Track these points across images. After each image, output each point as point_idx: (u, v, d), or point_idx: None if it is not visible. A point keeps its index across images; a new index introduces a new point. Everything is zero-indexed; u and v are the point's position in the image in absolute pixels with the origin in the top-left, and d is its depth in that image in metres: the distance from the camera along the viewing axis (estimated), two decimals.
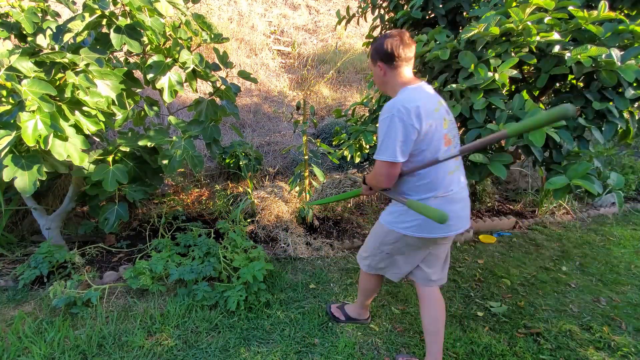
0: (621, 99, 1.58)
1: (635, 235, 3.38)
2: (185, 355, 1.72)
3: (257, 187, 3.39)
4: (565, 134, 1.53)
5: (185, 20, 2.20)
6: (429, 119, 1.31)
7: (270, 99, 4.96)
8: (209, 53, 4.79)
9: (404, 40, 1.35)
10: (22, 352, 1.69)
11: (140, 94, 2.34)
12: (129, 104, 2.18)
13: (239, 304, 1.99)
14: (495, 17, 1.58)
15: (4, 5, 2.06)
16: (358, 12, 2.88)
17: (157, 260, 2.16)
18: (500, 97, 1.56)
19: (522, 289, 2.40)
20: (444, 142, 1.35)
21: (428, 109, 1.32)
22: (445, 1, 2.31)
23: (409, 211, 1.41)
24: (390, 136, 1.30)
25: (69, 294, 1.94)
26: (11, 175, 1.75)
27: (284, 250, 2.64)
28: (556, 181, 1.46)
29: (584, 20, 1.52)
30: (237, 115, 2.54)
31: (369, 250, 1.66)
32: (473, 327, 2.00)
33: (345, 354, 1.77)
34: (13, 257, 2.41)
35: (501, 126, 1.47)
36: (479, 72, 1.60)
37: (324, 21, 6.37)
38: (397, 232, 1.48)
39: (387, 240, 1.55)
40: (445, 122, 1.38)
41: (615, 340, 1.93)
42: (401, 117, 1.28)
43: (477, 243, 3.06)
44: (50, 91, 1.63)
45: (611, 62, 1.47)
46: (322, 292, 2.25)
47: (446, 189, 1.38)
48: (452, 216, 1.36)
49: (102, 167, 2.11)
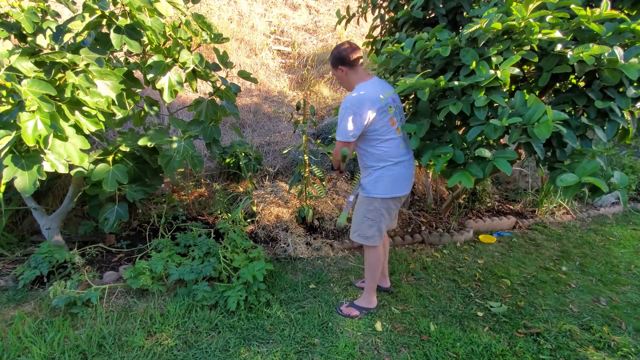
0: (623, 98, 1.58)
1: (635, 235, 3.38)
2: (185, 355, 1.71)
3: (257, 187, 3.39)
4: (569, 133, 1.52)
5: (185, 20, 2.20)
6: (374, 107, 1.73)
7: (270, 99, 4.96)
8: (209, 53, 4.78)
9: (353, 47, 1.83)
10: (22, 352, 1.69)
11: (140, 94, 2.34)
12: (129, 104, 2.18)
13: (239, 304, 1.99)
14: (497, 14, 1.57)
15: (4, 5, 2.06)
16: (358, 12, 2.88)
17: (157, 260, 2.16)
18: (501, 94, 1.55)
19: (522, 289, 2.40)
20: (390, 124, 1.80)
21: (374, 99, 1.73)
22: (446, 1, 2.31)
23: (378, 179, 1.84)
24: (344, 122, 1.74)
25: (69, 294, 1.94)
26: (11, 175, 1.75)
27: (284, 250, 2.64)
28: (567, 178, 1.45)
29: (585, 18, 1.51)
30: (237, 115, 2.53)
31: (358, 223, 1.97)
32: (473, 327, 2.00)
33: (345, 354, 1.76)
34: (13, 257, 2.41)
35: (504, 122, 1.46)
36: (480, 70, 1.59)
37: (324, 21, 6.36)
38: (376, 198, 1.87)
39: (370, 209, 1.90)
40: (391, 109, 1.80)
41: (615, 340, 1.93)
42: (353, 108, 1.72)
43: (477, 243, 3.06)
44: (50, 91, 1.63)
45: (614, 60, 1.46)
46: (322, 292, 2.25)
47: (403, 157, 1.84)
48: (408, 177, 1.88)
49: (102, 167, 2.11)
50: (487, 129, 1.53)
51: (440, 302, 2.22)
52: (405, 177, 1.87)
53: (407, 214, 3.33)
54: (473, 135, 1.59)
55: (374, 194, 1.86)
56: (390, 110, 1.80)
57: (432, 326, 1.98)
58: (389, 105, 1.80)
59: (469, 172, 1.61)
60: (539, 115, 1.40)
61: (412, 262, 2.67)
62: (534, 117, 1.42)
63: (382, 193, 1.85)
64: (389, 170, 1.83)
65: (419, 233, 3.05)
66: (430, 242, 2.99)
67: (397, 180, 1.85)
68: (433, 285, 2.40)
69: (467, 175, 1.60)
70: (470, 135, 1.60)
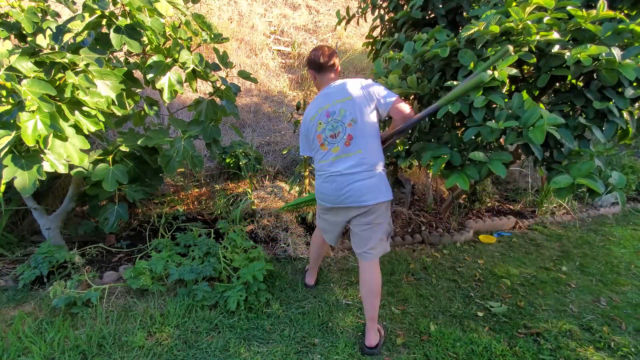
0: (621, 98, 1.58)
1: (635, 235, 3.38)
2: (185, 355, 1.72)
3: (257, 187, 3.39)
4: (566, 133, 1.52)
5: (185, 20, 2.20)
6: (304, 126, 1.83)
7: (270, 99, 4.96)
8: (209, 53, 4.78)
9: (325, 52, 1.80)
10: (22, 352, 1.69)
11: (140, 94, 2.34)
12: (129, 104, 2.18)
13: (239, 304, 1.99)
14: (495, 16, 1.57)
15: (4, 5, 2.06)
16: (358, 12, 2.88)
17: (157, 260, 2.16)
18: (500, 95, 1.56)
19: (522, 289, 2.40)
20: (318, 141, 1.78)
21: (309, 118, 1.80)
22: (445, 1, 2.31)
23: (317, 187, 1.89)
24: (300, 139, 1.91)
25: (69, 294, 1.94)
26: (11, 175, 1.75)
27: (284, 250, 2.64)
28: (560, 180, 1.45)
29: (582, 19, 1.52)
30: (237, 115, 2.54)
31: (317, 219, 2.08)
32: (473, 327, 2.00)
33: (345, 354, 1.77)
34: (13, 257, 2.41)
35: (500, 124, 1.46)
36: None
37: (324, 21, 6.36)
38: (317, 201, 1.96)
39: (318, 211, 2.03)
40: (320, 126, 1.76)
41: (615, 340, 1.93)
42: (301, 126, 1.87)
43: (477, 243, 3.06)
44: (50, 91, 1.63)
45: (612, 60, 1.47)
46: (322, 292, 2.25)
47: (327, 172, 1.77)
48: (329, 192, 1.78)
49: (102, 167, 2.11)
50: (484, 131, 1.54)
51: (440, 302, 2.22)
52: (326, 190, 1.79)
53: (407, 214, 3.33)
54: (469, 136, 1.60)
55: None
56: (320, 126, 1.75)
57: (432, 326, 1.98)
58: (319, 122, 1.75)
59: (465, 174, 1.62)
60: (535, 119, 1.41)
61: (412, 262, 2.67)
62: (530, 121, 1.43)
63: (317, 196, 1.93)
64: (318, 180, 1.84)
65: (419, 233, 3.05)
66: (430, 242, 2.99)
67: (319, 191, 1.85)
68: (433, 285, 2.40)
69: (463, 177, 1.61)
70: (467, 136, 1.60)
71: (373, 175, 1.72)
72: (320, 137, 1.76)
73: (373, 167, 1.73)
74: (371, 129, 1.73)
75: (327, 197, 1.80)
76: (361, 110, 1.71)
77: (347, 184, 1.72)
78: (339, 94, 1.75)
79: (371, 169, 1.72)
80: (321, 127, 1.76)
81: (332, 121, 1.74)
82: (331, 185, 1.76)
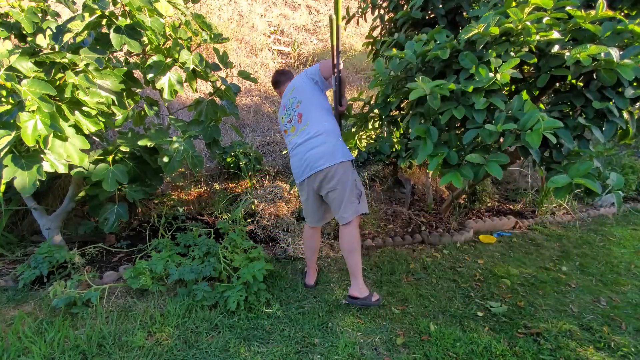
0: (621, 98, 1.58)
1: (635, 235, 3.38)
2: (185, 355, 1.71)
3: (257, 187, 3.39)
4: (565, 133, 1.52)
5: (185, 20, 2.20)
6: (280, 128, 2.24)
7: (270, 99, 4.96)
8: (209, 53, 4.78)
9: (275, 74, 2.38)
10: (22, 352, 1.69)
11: (140, 94, 2.34)
12: (129, 104, 2.18)
13: (239, 304, 1.99)
14: (495, 17, 1.57)
15: (4, 5, 2.07)
16: (358, 12, 2.88)
17: (157, 260, 2.16)
18: (501, 97, 1.56)
19: (522, 289, 2.40)
20: (284, 132, 2.17)
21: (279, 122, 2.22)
22: (445, 1, 2.31)
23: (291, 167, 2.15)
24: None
25: (69, 294, 1.94)
26: (11, 175, 1.75)
27: (284, 250, 2.64)
28: (558, 180, 1.46)
29: (582, 19, 1.52)
30: (237, 115, 2.54)
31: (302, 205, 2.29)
32: (473, 327, 2.00)
33: (345, 354, 1.76)
34: (13, 257, 2.41)
35: (499, 127, 1.47)
36: (480, 73, 1.59)
37: (324, 21, 6.36)
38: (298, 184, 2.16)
39: (299, 193, 2.20)
40: (282, 119, 2.16)
41: (615, 340, 1.93)
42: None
43: (477, 243, 3.06)
44: (50, 91, 1.63)
45: (610, 60, 1.47)
46: (322, 292, 2.25)
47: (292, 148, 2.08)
48: (295, 166, 2.07)
49: (102, 167, 2.11)
50: (483, 133, 1.54)
51: (440, 302, 2.22)
52: (293, 165, 2.10)
53: (407, 214, 3.33)
54: (469, 138, 1.60)
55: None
56: (282, 120, 2.17)
57: (432, 326, 1.98)
58: (281, 117, 2.17)
59: (460, 172, 1.62)
60: (533, 123, 1.42)
61: (412, 262, 2.67)
62: (528, 124, 1.43)
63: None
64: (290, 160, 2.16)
65: (419, 233, 3.05)
66: (430, 242, 2.99)
67: (292, 170, 2.13)
68: (433, 285, 2.40)
69: (457, 176, 1.61)
70: (467, 138, 1.61)
71: (326, 141, 1.95)
72: (284, 127, 2.14)
73: (324, 134, 1.96)
74: (317, 103, 2.02)
75: (295, 172, 2.08)
76: (304, 91, 2.05)
77: (304, 153, 1.98)
78: (288, 90, 2.15)
79: (322, 135, 1.96)
80: (283, 120, 2.14)
81: (287, 110, 2.12)
82: (295, 159, 2.06)
